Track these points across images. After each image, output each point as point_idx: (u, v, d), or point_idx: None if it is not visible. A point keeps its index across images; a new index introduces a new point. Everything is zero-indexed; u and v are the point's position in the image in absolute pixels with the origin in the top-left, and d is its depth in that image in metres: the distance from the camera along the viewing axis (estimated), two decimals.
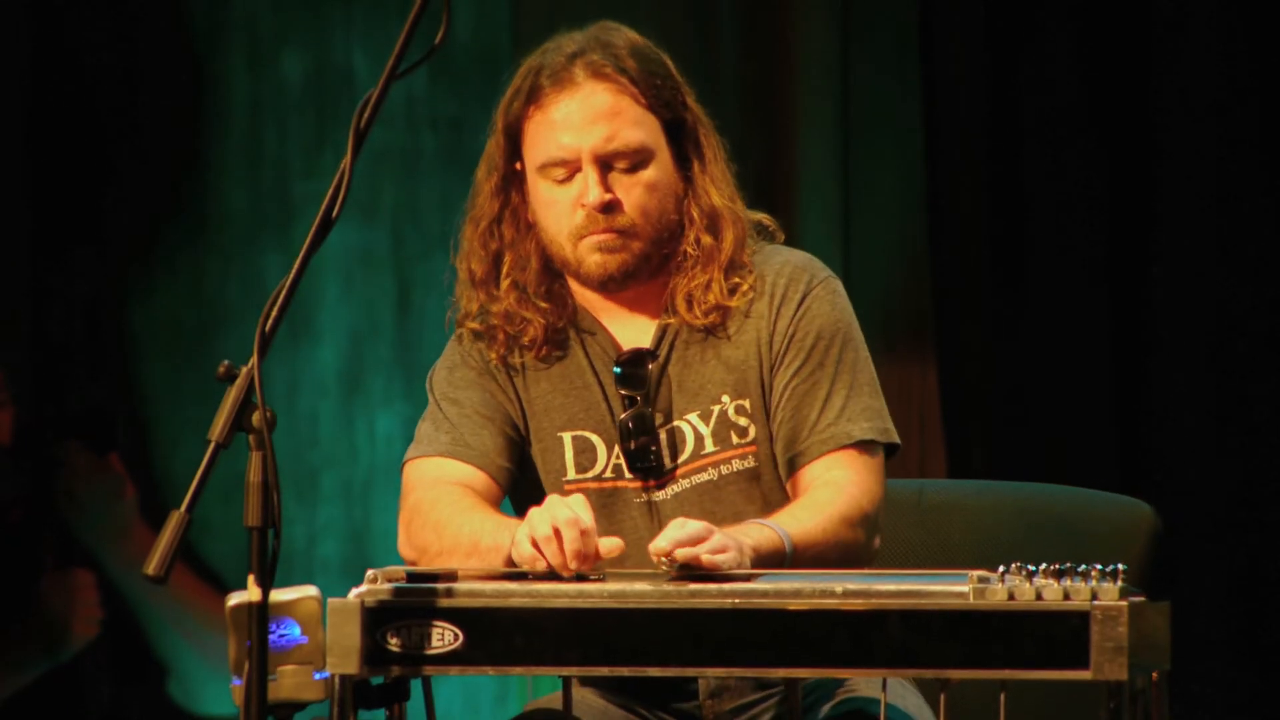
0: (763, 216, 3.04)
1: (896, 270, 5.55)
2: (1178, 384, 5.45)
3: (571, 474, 2.94)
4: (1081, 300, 5.48)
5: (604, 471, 2.94)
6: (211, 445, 2.32)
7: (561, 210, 2.91)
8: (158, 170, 6.03)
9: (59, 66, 5.97)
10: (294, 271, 2.38)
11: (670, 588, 2.44)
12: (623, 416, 2.91)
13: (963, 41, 5.48)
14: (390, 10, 5.68)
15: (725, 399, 2.93)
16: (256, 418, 2.32)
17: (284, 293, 2.37)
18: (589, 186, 2.88)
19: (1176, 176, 5.45)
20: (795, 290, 2.95)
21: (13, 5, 5.94)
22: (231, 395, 2.33)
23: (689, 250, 2.94)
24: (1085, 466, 5.40)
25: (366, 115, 2.44)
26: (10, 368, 5.94)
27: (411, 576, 2.50)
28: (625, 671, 2.42)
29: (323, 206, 2.40)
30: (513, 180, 2.98)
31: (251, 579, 2.30)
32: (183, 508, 2.32)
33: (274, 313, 2.37)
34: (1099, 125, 5.49)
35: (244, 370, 2.34)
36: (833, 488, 2.86)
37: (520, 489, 2.97)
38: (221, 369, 2.35)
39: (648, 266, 2.94)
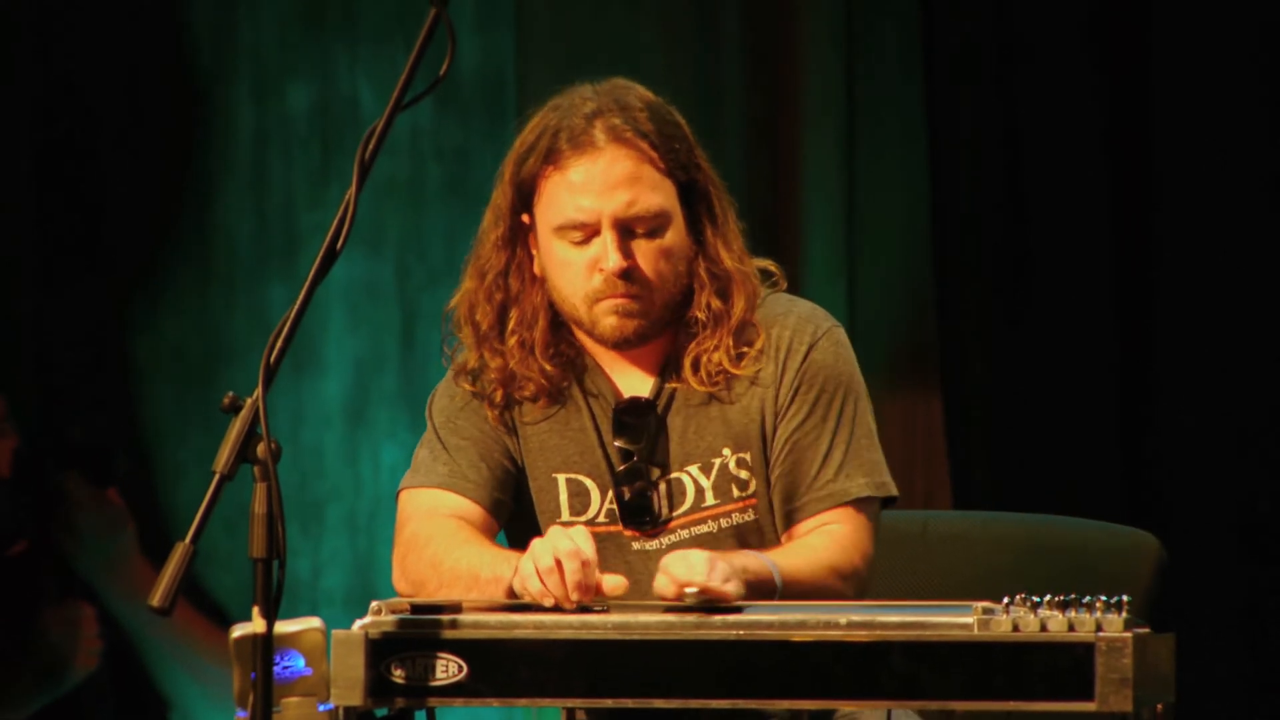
0: (767, 263, 3.03)
1: (901, 302, 5.56)
2: (1183, 415, 5.44)
3: (566, 516, 2.94)
4: (1087, 332, 5.48)
5: (597, 516, 2.94)
6: (216, 476, 2.32)
7: (577, 272, 2.90)
8: (162, 201, 6.04)
9: (64, 98, 5.98)
10: (299, 302, 2.38)
11: (674, 619, 2.44)
12: (620, 469, 2.92)
13: (969, 75, 5.49)
14: (395, 42, 5.69)
15: (726, 452, 2.93)
16: (261, 449, 2.32)
17: (289, 324, 2.37)
18: (608, 252, 2.87)
19: (1181, 210, 5.45)
20: (800, 343, 2.95)
21: (19, 39, 5.95)
22: (236, 426, 2.33)
23: (699, 315, 2.94)
24: (1090, 498, 5.40)
25: (371, 146, 2.44)
26: (13, 399, 5.94)
27: (416, 608, 2.49)
28: (630, 703, 2.42)
29: (327, 237, 2.40)
30: (520, 232, 2.97)
31: (256, 610, 2.30)
32: (187, 539, 2.32)
33: (279, 344, 2.37)
34: (1104, 157, 5.49)
35: (249, 401, 2.34)
36: (826, 537, 2.88)
37: (516, 525, 2.97)
38: (226, 400, 2.35)
39: (659, 325, 2.94)
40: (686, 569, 2.58)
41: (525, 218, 2.95)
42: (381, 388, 5.75)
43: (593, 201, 2.87)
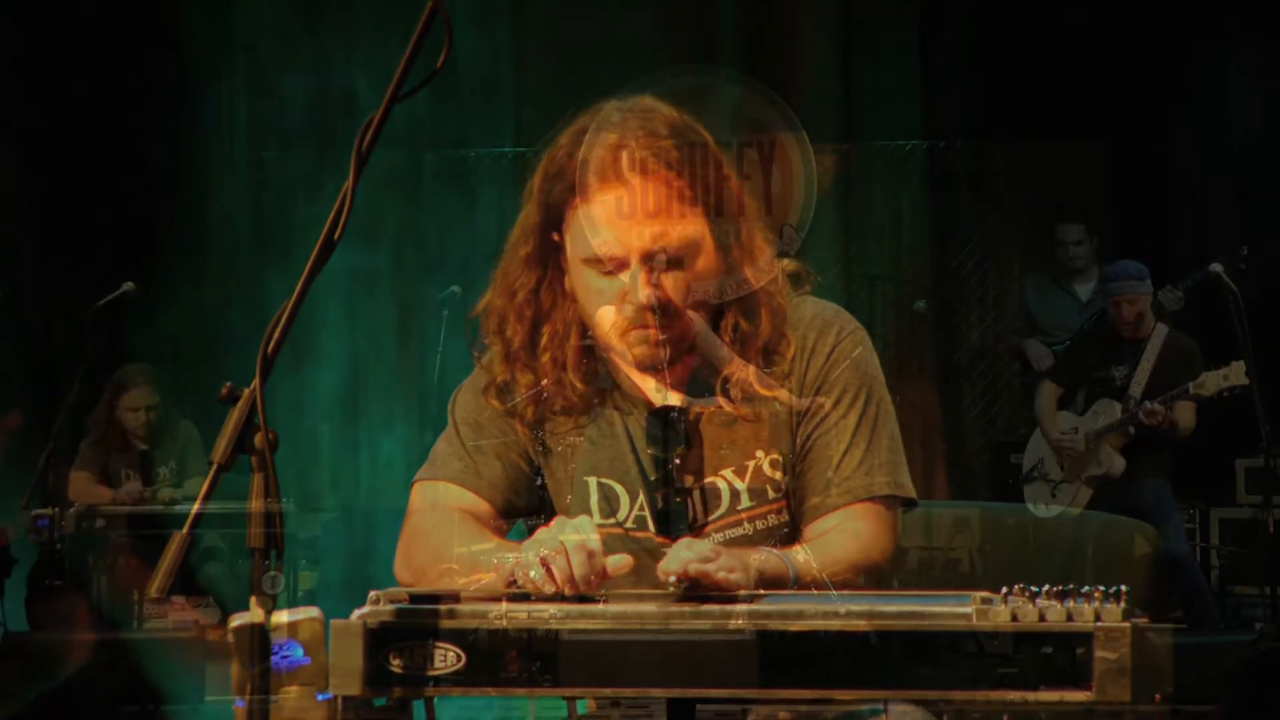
0: (796, 266, 3.01)
1: (900, 301, 5.56)
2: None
3: (596, 519, 2.93)
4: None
5: (627, 520, 2.93)
6: (213, 466, 2.32)
7: (606, 301, 2.87)
8: (160, 194, 6.04)
9: (62, 92, 5.99)
10: (296, 294, 2.38)
11: (674, 609, 2.43)
12: (653, 478, 2.90)
13: (964, 74, 5.51)
14: (392, 34, 5.70)
15: (759, 454, 2.91)
16: (259, 439, 2.32)
17: (286, 315, 2.37)
18: (638, 286, 2.84)
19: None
20: (824, 344, 2.94)
21: (16, 35, 5.96)
22: (234, 417, 2.33)
23: (725, 339, 2.92)
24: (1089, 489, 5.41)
25: (368, 138, 2.44)
26: (12, 391, 5.94)
27: (414, 598, 2.49)
28: (628, 693, 2.42)
29: (324, 229, 2.40)
30: (550, 250, 2.93)
31: (254, 600, 2.29)
32: (184, 529, 2.31)
33: (276, 335, 2.36)
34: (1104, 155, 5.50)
35: (246, 392, 2.33)
36: (846, 534, 2.87)
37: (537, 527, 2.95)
38: (224, 390, 2.34)
39: (688, 347, 2.92)
40: (680, 557, 2.57)
41: (555, 236, 2.93)
42: (378, 378, 5.76)
43: (620, 236, 2.83)
